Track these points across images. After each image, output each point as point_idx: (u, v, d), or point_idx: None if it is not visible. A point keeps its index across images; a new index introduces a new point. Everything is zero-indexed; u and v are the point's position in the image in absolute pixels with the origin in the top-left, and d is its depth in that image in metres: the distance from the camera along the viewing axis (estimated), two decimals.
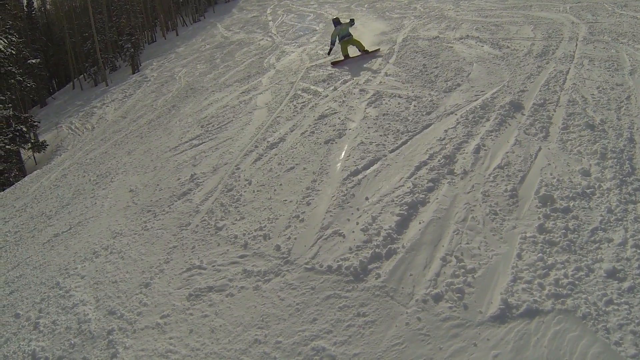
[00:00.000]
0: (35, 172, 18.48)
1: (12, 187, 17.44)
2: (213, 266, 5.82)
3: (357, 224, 5.64)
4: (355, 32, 15.21)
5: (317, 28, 23.03)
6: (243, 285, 5.29)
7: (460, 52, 11.39)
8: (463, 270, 4.53)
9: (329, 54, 14.99)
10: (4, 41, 27.78)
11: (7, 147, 25.13)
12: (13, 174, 24.98)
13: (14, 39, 30.85)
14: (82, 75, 50.08)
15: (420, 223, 5.32)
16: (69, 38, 51.03)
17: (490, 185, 5.73)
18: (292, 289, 4.98)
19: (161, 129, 14.29)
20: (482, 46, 11.65)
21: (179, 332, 4.97)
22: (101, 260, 7.04)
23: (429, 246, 4.95)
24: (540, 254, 4.55)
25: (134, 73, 36.76)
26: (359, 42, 13.69)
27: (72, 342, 5.46)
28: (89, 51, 45.91)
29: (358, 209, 5.93)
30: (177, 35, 48.75)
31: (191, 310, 5.20)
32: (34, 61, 39.95)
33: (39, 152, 28.65)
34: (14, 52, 29.54)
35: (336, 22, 13.87)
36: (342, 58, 13.81)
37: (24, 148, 27.95)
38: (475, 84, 9.03)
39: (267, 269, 5.40)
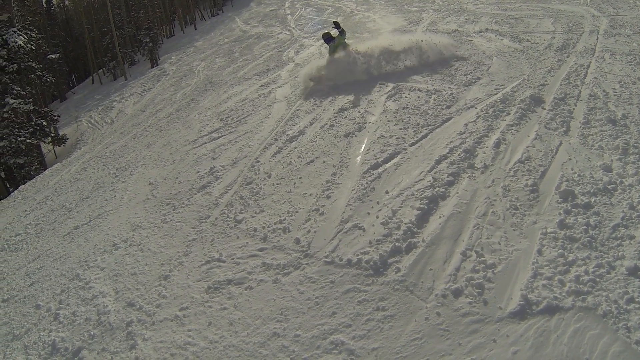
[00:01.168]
0: (55, 165, 18.65)
1: (32, 180, 17.64)
2: (232, 259, 5.83)
3: (377, 217, 5.61)
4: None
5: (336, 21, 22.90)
6: (262, 278, 5.30)
7: (480, 46, 11.28)
8: (483, 265, 4.50)
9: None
10: (24, 37, 28.03)
11: (27, 141, 25.41)
12: (34, 168, 25.26)
13: (33, 34, 31.17)
14: (101, 70, 50.32)
15: (440, 217, 5.28)
16: (88, 33, 51.31)
17: (511, 180, 5.67)
18: (311, 282, 4.98)
19: (180, 123, 14.33)
20: (502, 39, 11.52)
21: (197, 325, 5.00)
22: (120, 253, 7.11)
23: (449, 240, 4.92)
24: (561, 250, 4.50)
25: (152, 67, 36.96)
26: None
27: (92, 333, 5.53)
28: (108, 46, 46.14)
29: (378, 203, 5.90)
30: (196, 29, 48.83)
31: (210, 302, 5.23)
32: (53, 56, 40.16)
33: (59, 146, 28.96)
34: (33, 48, 29.83)
35: (327, 38, 12.49)
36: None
37: (45, 142, 28.25)
38: (495, 77, 8.93)
39: (287, 262, 5.40)
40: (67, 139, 28.73)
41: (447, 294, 4.29)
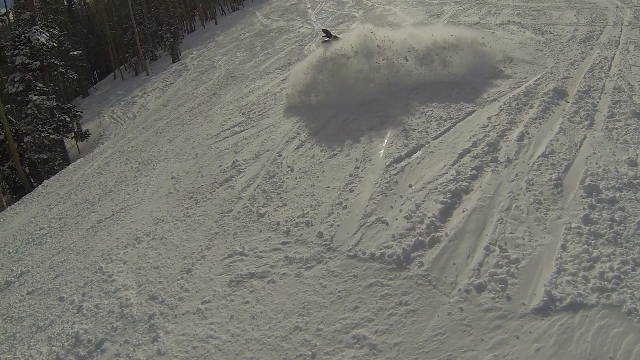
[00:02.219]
0: (78, 160, 18.87)
1: (56, 175, 17.86)
2: (255, 253, 5.85)
3: (401, 211, 5.59)
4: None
5: (357, 15, 22.80)
6: (285, 272, 5.31)
7: (502, 38, 11.15)
8: (506, 260, 4.47)
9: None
10: (46, 35, 28.37)
11: (51, 136, 25.72)
12: (57, 163, 25.55)
13: (55, 32, 31.56)
14: (123, 66, 50.65)
15: (463, 211, 5.25)
16: (109, 30, 51.69)
17: (535, 174, 5.62)
18: (334, 276, 4.98)
19: (202, 117, 14.38)
20: (524, 32, 11.39)
21: (219, 318, 5.03)
22: (143, 246, 7.17)
23: (473, 235, 4.89)
24: (585, 246, 4.45)
25: (174, 62, 37.07)
26: None
27: (114, 325, 5.59)
28: (129, 42, 46.39)
29: (401, 197, 5.87)
30: (216, 24, 48.89)
31: (232, 296, 5.26)
32: (75, 53, 40.61)
33: (82, 141, 29.25)
34: (56, 45, 30.16)
35: (327, 33, 11.71)
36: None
37: (68, 137, 28.58)
38: (518, 70, 8.84)
39: (309, 256, 5.41)
40: (90, 134, 29.01)
41: (470, 289, 4.27)
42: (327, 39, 11.10)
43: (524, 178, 5.58)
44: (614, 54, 8.67)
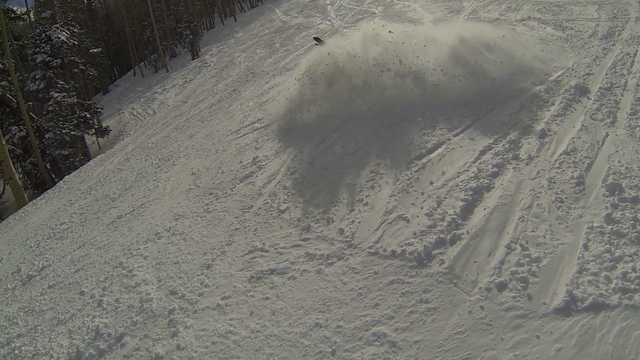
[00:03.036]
0: (99, 156, 19.01)
1: (77, 170, 18.04)
2: (275, 249, 5.86)
3: (422, 208, 5.57)
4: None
5: (376, 11, 22.67)
6: (305, 268, 5.32)
7: (523, 34, 11.03)
8: (528, 259, 4.43)
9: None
10: (66, 33, 28.68)
11: (72, 133, 26.00)
12: (78, 159, 25.82)
13: (75, 30, 31.90)
14: (143, 63, 50.94)
15: (485, 209, 5.22)
16: (129, 27, 51.97)
17: (556, 172, 5.57)
18: (354, 273, 4.97)
19: (222, 113, 14.41)
20: (545, 28, 11.27)
21: (239, 314, 5.05)
22: (163, 242, 7.22)
23: (494, 233, 4.86)
24: (607, 245, 4.40)
25: (193, 59, 37.22)
26: None
27: (134, 319, 5.64)
28: (149, 39, 46.65)
29: (422, 193, 5.85)
30: (235, 20, 48.94)
31: (252, 292, 5.28)
32: (95, 50, 41.00)
33: (102, 137, 29.52)
34: (76, 43, 30.47)
35: (317, 40, 11.63)
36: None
37: (88, 133, 28.88)
38: (538, 66, 8.72)
39: (330, 253, 5.41)
40: (110, 130, 29.26)
41: (491, 288, 4.25)
42: (317, 44, 10.92)
43: (546, 176, 5.53)
44: (637, 50, 8.56)
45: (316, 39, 11.33)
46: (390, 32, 9.31)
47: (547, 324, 3.81)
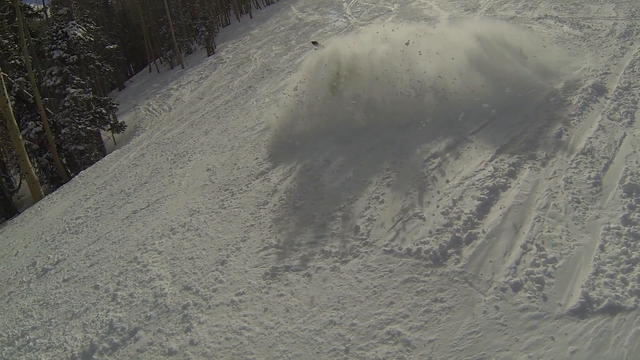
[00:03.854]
0: (114, 151, 19.18)
1: (92, 165, 18.23)
2: (290, 246, 5.84)
3: (438, 206, 5.53)
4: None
5: (392, 9, 22.58)
6: (320, 265, 5.31)
7: (539, 33, 10.94)
8: (544, 259, 4.39)
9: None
10: (82, 29, 28.96)
11: (88, 128, 26.31)
12: (94, 154, 26.12)
13: (92, 27, 32.23)
14: (158, 59, 51.26)
15: (501, 208, 5.18)
16: (145, 24, 52.33)
17: (573, 172, 5.51)
18: (370, 271, 4.95)
19: (238, 109, 14.45)
20: (562, 26, 11.15)
21: (253, 310, 5.06)
22: (178, 237, 7.25)
23: (510, 232, 4.82)
24: (624, 247, 4.34)
25: (209, 55, 37.38)
26: None
27: (148, 314, 5.67)
28: (164, 35, 46.88)
29: (438, 192, 5.80)
30: (251, 17, 49.05)
31: (267, 288, 5.28)
32: (111, 47, 41.25)
33: (118, 133, 29.81)
34: (92, 39, 30.80)
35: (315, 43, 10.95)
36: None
37: (104, 129, 29.20)
38: (547, 58, 8.62)
39: (346, 250, 5.39)
40: (126, 126, 29.52)
41: (507, 288, 4.21)
42: (316, 48, 10.69)
43: (562, 176, 5.48)
44: None
45: (314, 42, 11.02)
46: (405, 41, 8.55)
47: (562, 326, 3.77)
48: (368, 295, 4.65)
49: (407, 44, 8.20)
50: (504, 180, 5.63)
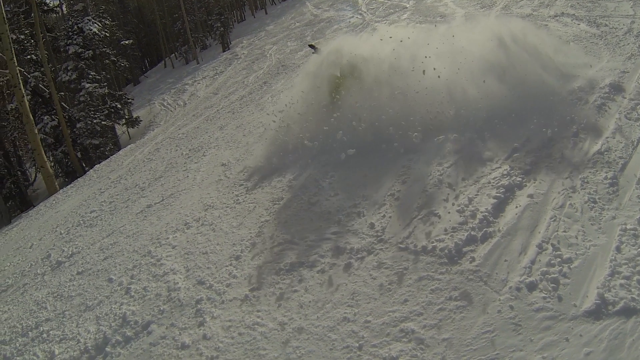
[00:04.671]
0: (129, 146, 19.27)
1: (107, 160, 18.33)
2: (305, 242, 5.82)
3: (453, 204, 5.50)
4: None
5: (408, 5, 22.44)
6: (334, 262, 5.29)
7: (556, 31, 10.83)
8: (559, 259, 4.36)
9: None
10: (98, 25, 29.20)
11: (102, 122, 26.54)
12: (108, 148, 26.37)
13: (107, 22, 32.52)
14: (173, 54, 51.46)
15: (517, 207, 5.15)
16: (160, 19, 52.47)
17: (590, 172, 5.48)
18: (384, 268, 4.94)
19: (253, 105, 14.45)
20: (579, 24, 11.02)
21: (267, 306, 5.06)
22: (192, 232, 7.26)
23: (525, 232, 4.79)
24: None
25: (224, 51, 37.48)
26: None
27: (162, 308, 5.69)
28: (179, 31, 47.09)
29: (454, 190, 5.78)
30: (266, 13, 49.04)
31: (280, 284, 5.27)
32: (126, 42, 41.56)
33: (132, 128, 30.06)
34: (107, 35, 31.07)
35: (312, 47, 10.61)
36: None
37: (119, 124, 29.47)
38: (569, 60, 8.53)
39: (360, 247, 5.36)
40: (141, 120, 29.73)
41: (521, 287, 4.19)
42: (313, 52, 10.40)
43: (579, 175, 5.45)
44: None
45: (311, 46, 10.66)
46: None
47: (577, 327, 3.75)
48: (382, 293, 4.64)
49: (424, 72, 7.61)
50: (520, 179, 5.59)
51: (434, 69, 7.52)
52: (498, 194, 5.41)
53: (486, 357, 3.74)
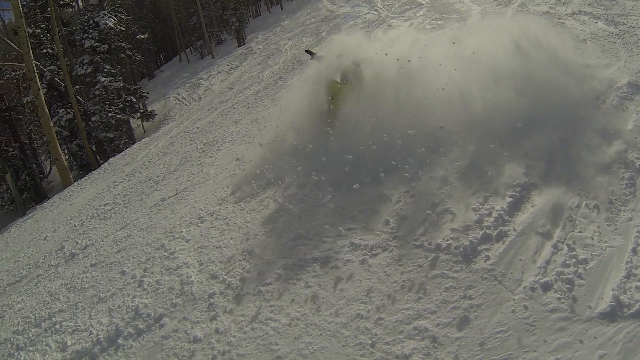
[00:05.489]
0: (143, 139, 19.34)
1: (122, 153, 18.44)
2: (319, 237, 5.79)
3: (469, 203, 5.46)
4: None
5: (424, 2, 22.30)
6: (349, 258, 5.27)
7: (573, 29, 10.73)
8: (574, 260, 4.34)
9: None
10: (113, 19, 29.36)
11: (117, 116, 26.70)
12: (123, 142, 26.51)
13: (122, 16, 32.70)
14: (189, 49, 51.49)
15: (532, 206, 5.12)
16: (175, 14, 52.52)
17: (606, 172, 5.43)
18: (399, 265, 4.92)
19: (268, 100, 14.44)
20: (596, 22, 10.90)
21: (280, 301, 5.05)
22: (206, 226, 7.26)
23: (541, 231, 4.76)
24: None
25: (239, 46, 37.48)
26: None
27: (174, 301, 5.70)
28: (195, 26, 47.15)
29: (470, 188, 5.73)
30: (282, 9, 48.87)
31: (294, 280, 5.26)
32: (142, 37, 41.68)
33: (147, 121, 30.19)
34: (123, 29, 31.25)
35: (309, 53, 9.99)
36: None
37: (134, 117, 29.63)
38: (589, 63, 8.46)
39: (375, 244, 5.34)
40: (156, 114, 29.84)
41: (536, 287, 4.17)
42: (310, 58, 9.92)
43: (596, 176, 5.41)
44: None
45: (308, 52, 10.27)
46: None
47: (591, 329, 3.73)
48: (396, 290, 4.63)
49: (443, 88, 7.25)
50: (536, 178, 5.55)
51: (455, 69, 7.41)
52: (514, 193, 5.38)
53: (499, 357, 3.73)
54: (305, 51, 10.94)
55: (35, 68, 20.32)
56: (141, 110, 30.13)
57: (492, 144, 6.39)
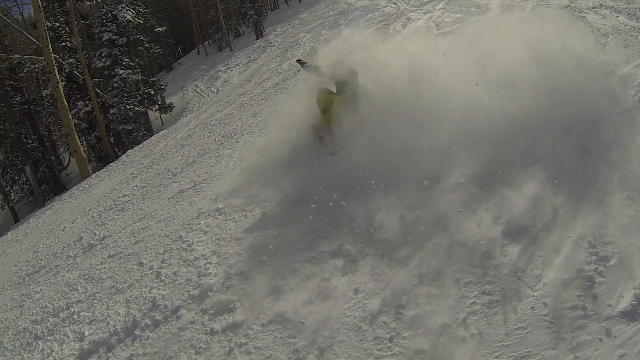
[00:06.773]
0: (162, 131, 19.40)
1: (140, 145, 18.50)
2: (338, 231, 5.75)
3: (489, 198, 5.41)
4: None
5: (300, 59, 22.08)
6: (368, 252, 5.25)
7: (594, 23, 10.53)
8: (595, 257, 4.28)
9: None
10: (132, 12, 29.52)
11: (136, 108, 26.91)
12: (141, 134, 26.74)
13: (141, 9, 32.89)
14: (207, 42, 51.57)
15: (551, 204, 5.06)
16: (193, 7, 52.64)
17: (628, 169, 5.33)
18: (417, 259, 4.90)
19: (287, 92, 14.35)
20: (618, 17, 10.69)
21: (298, 294, 5.04)
22: (224, 218, 7.25)
23: (561, 227, 4.73)
24: None
25: (257, 39, 37.44)
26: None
27: (192, 293, 5.71)
28: (213, 19, 47.12)
29: (489, 183, 5.65)
30: (300, 2, 48.63)
31: (312, 273, 5.25)
32: (160, 29, 41.96)
33: (165, 114, 30.39)
34: (141, 22, 31.44)
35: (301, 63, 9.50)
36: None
37: (152, 110, 29.83)
38: (611, 57, 8.33)
39: (394, 238, 5.31)
40: (174, 107, 30.00)
41: (556, 284, 4.13)
42: (302, 68, 9.33)
43: (616, 173, 5.33)
44: None
45: (299, 61, 9.57)
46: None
47: (611, 328, 3.68)
48: (415, 284, 4.61)
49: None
50: (555, 173, 5.49)
51: (477, 84, 7.03)
52: (534, 188, 5.31)
53: (518, 354, 3.70)
54: (297, 61, 10.41)
55: (54, 61, 20.50)
56: (159, 103, 30.32)
57: (513, 137, 6.26)
